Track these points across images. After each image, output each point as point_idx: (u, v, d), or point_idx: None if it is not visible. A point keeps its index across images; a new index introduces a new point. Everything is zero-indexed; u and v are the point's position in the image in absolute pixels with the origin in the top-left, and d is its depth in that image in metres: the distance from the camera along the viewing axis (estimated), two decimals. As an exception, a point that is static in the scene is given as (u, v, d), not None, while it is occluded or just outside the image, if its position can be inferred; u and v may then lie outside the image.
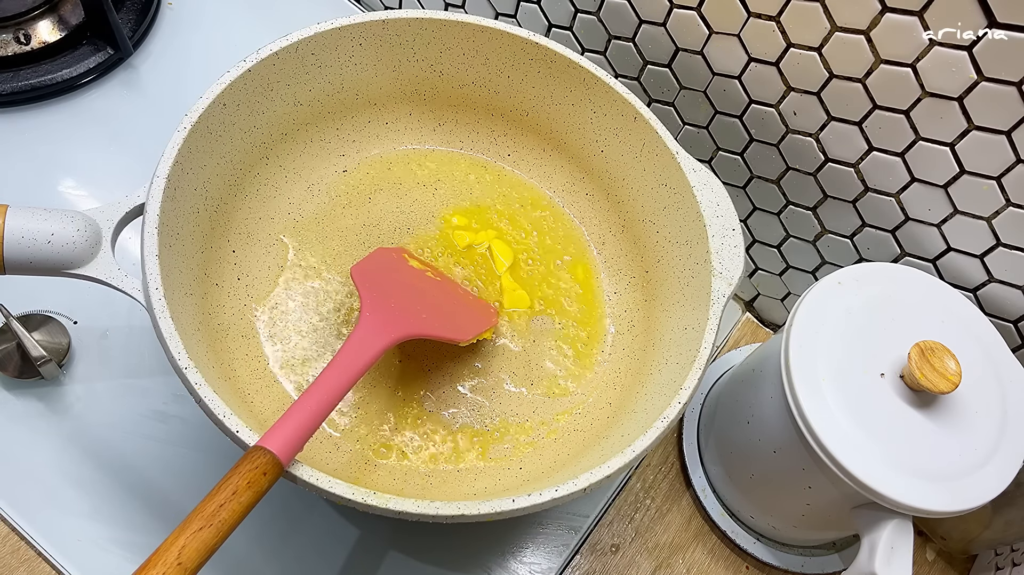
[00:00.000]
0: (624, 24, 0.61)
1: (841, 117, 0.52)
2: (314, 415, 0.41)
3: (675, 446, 0.63)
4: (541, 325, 0.60)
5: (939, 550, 0.61)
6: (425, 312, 0.53)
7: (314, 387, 0.42)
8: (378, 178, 0.64)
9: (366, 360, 0.45)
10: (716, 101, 0.59)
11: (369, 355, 0.45)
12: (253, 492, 0.36)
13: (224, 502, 0.35)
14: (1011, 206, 0.48)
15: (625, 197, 0.62)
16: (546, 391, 0.58)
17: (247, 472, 0.36)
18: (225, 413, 0.41)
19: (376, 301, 0.50)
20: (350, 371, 0.44)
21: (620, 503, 0.60)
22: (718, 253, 0.52)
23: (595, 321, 0.61)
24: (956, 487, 0.44)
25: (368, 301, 0.49)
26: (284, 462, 0.38)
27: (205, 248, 0.53)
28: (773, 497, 0.54)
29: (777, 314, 0.70)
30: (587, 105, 0.60)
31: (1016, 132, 0.45)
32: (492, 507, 0.40)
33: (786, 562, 0.59)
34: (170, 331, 0.42)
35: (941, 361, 0.44)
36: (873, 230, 0.56)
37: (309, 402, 0.41)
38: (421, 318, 0.52)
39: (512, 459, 0.55)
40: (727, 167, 0.63)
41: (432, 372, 0.57)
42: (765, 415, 0.51)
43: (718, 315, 0.50)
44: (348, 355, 0.45)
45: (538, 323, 0.60)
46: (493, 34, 0.58)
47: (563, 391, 0.58)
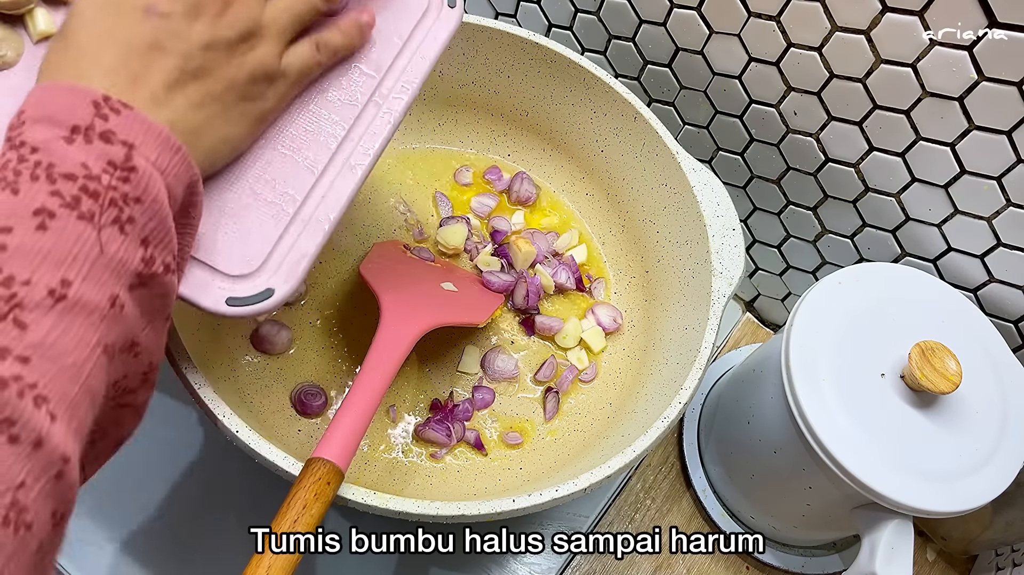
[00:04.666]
0: (624, 24, 0.61)
1: (841, 117, 0.52)
2: (360, 419, 0.41)
3: (675, 446, 0.63)
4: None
5: (939, 550, 0.61)
6: (441, 300, 0.53)
7: (354, 391, 0.42)
8: (378, 178, 0.64)
9: (398, 356, 0.45)
10: (716, 101, 0.59)
11: (400, 351, 0.46)
12: (321, 503, 0.36)
13: (297, 517, 0.35)
14: (1012, 206, 0.48)
15: (625, 197, 0.62)
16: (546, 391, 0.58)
17: (311, 485, 0.37)
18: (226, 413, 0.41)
19: (394, 297, 0.50)
20: (385, 370, 0.44)
21: (620, 503, 0.60)
22: (718, 253, 0.52)
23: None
24: (956, 487, 0.44)
25: (386, 298, 0.50)
26: (343, 469, 0.38)
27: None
28: (773, 497, 0.54)
29: (777, 314, 0.70)
30: (587, 105, 0.60)
31: (1016, 132, 0.45)
32: (492, 507, 0.40)
33: (786, 562, 0.58)
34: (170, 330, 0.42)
35: (941, 361, 0.44)
36: (873, 230, 0.56)
37: (354, 407, 0.41)
38: (439, 307, 0.52)
39: (512, 459, 0.55)
40: (727, 167, 0.63)
41: (432, 372, 0.57)
42: (765, 415, 0.51)
43: (718, 315, 0.50)
44: (381, 354, 0.45)
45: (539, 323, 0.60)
46: (493, 34, 0.58)
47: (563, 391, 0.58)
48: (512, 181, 0.65)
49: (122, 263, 0.29)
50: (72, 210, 0.28)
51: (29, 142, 0.28)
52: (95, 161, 0.29)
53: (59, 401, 0.25)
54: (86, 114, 0.29)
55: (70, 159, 0.28)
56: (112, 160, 0.29)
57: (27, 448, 0.24)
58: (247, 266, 0.35)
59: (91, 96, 0.30)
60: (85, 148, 0.29)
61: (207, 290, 0.35)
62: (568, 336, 0.59)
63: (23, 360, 0.25)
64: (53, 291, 0.26)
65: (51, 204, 0.27)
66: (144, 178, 0.30)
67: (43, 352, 0.25)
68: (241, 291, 0.35)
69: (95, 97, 0.30)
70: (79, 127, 0.29)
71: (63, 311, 0.26)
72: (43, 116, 0.29)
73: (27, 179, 0.28)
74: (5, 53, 0.34)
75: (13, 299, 0.25)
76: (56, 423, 0.25)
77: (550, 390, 0.58)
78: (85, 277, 0.27)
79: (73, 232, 0.27)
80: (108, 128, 0.29)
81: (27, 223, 0.27)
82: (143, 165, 0.30)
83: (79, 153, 0.28)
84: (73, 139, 0.29)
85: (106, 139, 0.29)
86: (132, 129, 0.30)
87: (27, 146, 0.28)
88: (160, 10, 0.32)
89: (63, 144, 0.29)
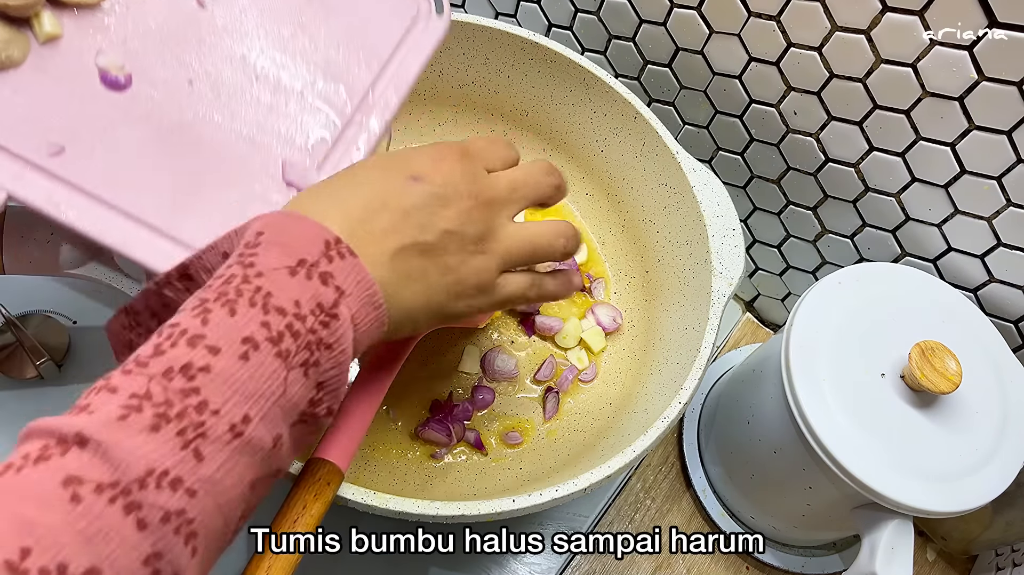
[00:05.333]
0: (624, 24, 0.61)
1: (841, 117, 0.52)
2: (360, 419, 0.41)
3: (675, 446, 0.63)
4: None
5: (939, 550, 0.61)
6: None
7: (354, 392, 0.42)
8: (378, 178, 0.64)
9: (398, 356, 0.45)
10: (716, 101, 0.59)
11: (400, 351, 0.46)
12: (322, 503, 0.36)
13: (297, 518, 0.36)
14: (1012, 206, 0.48)
15: (625, 197, 0.62)
16: (546, 391, 0.58)
17: (311, 485, 0.37)
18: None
19: None
20: (386, 370, 0.44)
21: (620, 503, 0.60)
22: (718, 253, 0.52)
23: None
24: (956, 487, 0.44)
25: None
26: (343, 469, 0.38)
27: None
28: (773, 497, 0.54)
29: (777, 314, 0.70)
30: (587, 105, 0.60)
31: (1017, 132, 0.45)
32: (492, 507, 0.40)
33: (786, 562, 0.58)
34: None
35: (941, 361, 0.44)
36: (873, 230, 0.56)
37: (354, 407, 0.41)
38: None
39: (512, 459, 0.55)
40: (727, 167, 0.63)
41: (432, 372, 0.57)
42: (765, 415, 0.51)
43: (718, 315, 0.50)
44: (381, 355, 0.45)
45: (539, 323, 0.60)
46: (493, 34, 0.58)
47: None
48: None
49: (296, 405, 0.29)
50: (274, 345, 0.28)
51: (258, 265, 0.30)
52: (307, 300, 0.29)
53: (204, 536, 0.26)
54: (316, 251, 0.30)
55: (287, 293, 0.29)
56: (321, 303, 0.30)
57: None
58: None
59: (326, 235, 0.31)
60: (304, 284, 0.30)
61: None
62: (568, 336, 0.59)
63: (191, 494, 0.25)
64: (234, 427, 0.27)
65: (258, 335, 0.28)
66: (341, 328, 0.30)
67: (209, 488, 0.26)
68: None
69: (328, 237, 0.31)
70: (305, 261, 0.30)
71: (236, 449, 0.27)
72: (279, 242, 0.30)
73: (246, 303, 0.28)
74: (12, 53, 0.34)
75: (201, 427, 0.26)
76: (194, 558, 0.26)
77: (550, 390, 0.58)
78: (263, 417, 0.28)
79: (268, 369, 0.28)
80: (329, 271, 0.30)
81: (234, 349, 0.27)
82: (344, 315, 0.30)
83: (296, 288, 0.29)
84: (297, 271, 0.30)
85: (324, 280, 0.30)
86: (348, 277, 0.31)
87: (255, 268, 0.29)
88: (424, 184, 0.34)
89: (287, 276, 0.29)
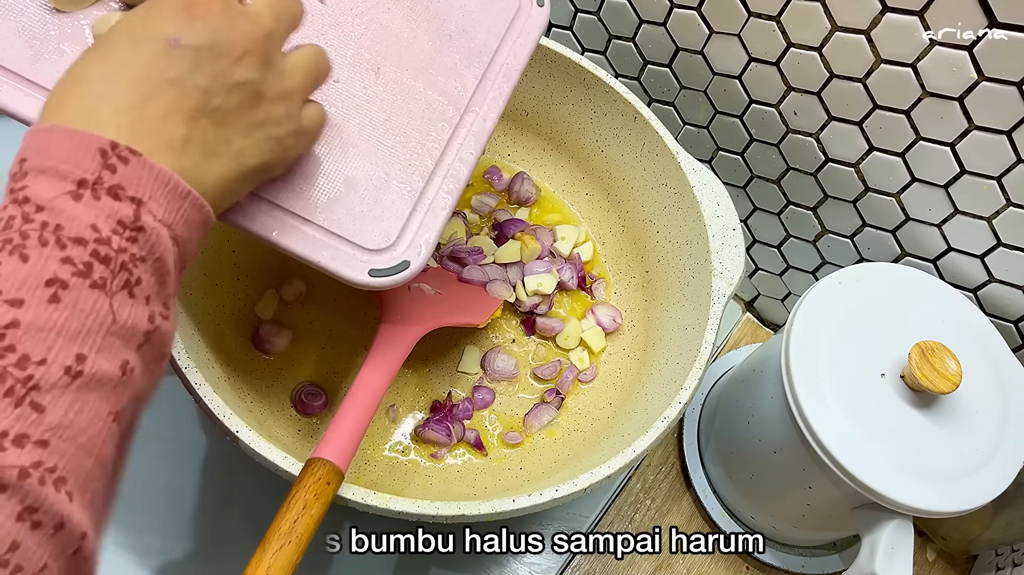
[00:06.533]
0: (624, 24, 0.61)
1: (841, 117, 0.52)
2: (360, 419, 0.41)
3: (675, 446, 0.63)
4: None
5: (939, 550, 0.61)
6: (441, 301, 0.54)
7: (355, 391, 0.42)
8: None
9: (398, 357, 0.46)
10: (716, 101, 0.59)
11: (400, 351, 0.46)
12: (322, 503, 0.36)
13: (297, 517, 0.36)
14: (1012, 206, 0.48)
15: (625, 197, 0.62)
16: (546, 391, 0.58)
17: (311, 485, 0.37)
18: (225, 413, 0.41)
19: (394, 298, 0.50)
20: (386, 370, 0.44)
21: (620, 503, 0.60)
22: (718, 253, 0.52)
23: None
24: (956, 487, 0.44)
25: (386, 299, 0.50)
26: (343, 469, 0.38)
27: (205, 248, 0.53)
28: (773, 497, 0.54)
29: (777, 314, 0.70)
30: (587, 105, 0.60)
31: (1016, 132, 0.45)
32: (492, 507, 0.40)
33: (786, 562, 0.58)
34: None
35: (941, 361, 0.44)
36: (873, 230, 0.56)
37: (354, 407, 0.41)
38: (438, 308, 0.52)
39: (512, 459, 0.55)
40: (727, 167, 0.63)
41: (432, 372, 0.57)
42: (765, 415, 0.51)
43: (718, 315, 0.50)
44: (381, 355, 0.45)
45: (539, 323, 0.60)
46: (493, 34, 0.58)
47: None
48: (512, 181, 0.65)
49: (132, 328, 0.28)
50: (84, 279, 0.26)
51: (34, 199, 0.27)
52: (104, 222, 0.27)
53: (76, 479, 0.25)
54: (93, 165, 0.27)
55: (79, 221, 0.27)
56: (121, 220, 0.28)
57: (48, 531, 0.24)
58: (385, 241, 0.38)
59: (97, 143, 0.28)
60: (94, 206, 0.27)
61: (352, 263, 0.38)
62: (568, 336, 0.59)
63: (42, 444, 0.24)
64: (69, 369, 0.26)
65: (63, 273, 0.26)
66: (151, 237, 0.28)
67: (61, 433, 0.25)
68: (381, 263, 0.38)
69: (102, 144, 0.28)
70: (86, 181, 0.27)
71: (79, 388, 0.26)
72: (47, 167, 0.27)
73: (36, 243, 0.26)
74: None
75: (29, 381, 0.25)
76: (74, 501, 0.25)
77: (550, 390, 0.58)
78: (99, 349, 0.26)
79: (87, 303, 0.26)
80: (116, 183, 0.28)
81: (39, 295, 0.26)
82: (151, 224, 0.28)
83: (88, 213, 0.27)
84: (80, 195, 0.27)
85: (114, 195, 0.28)
86: (140, 181, 0.28)
87: (32, 203, 0.27)
88: (186, 45, 0.30)
89: (70, 202, 0.27)
